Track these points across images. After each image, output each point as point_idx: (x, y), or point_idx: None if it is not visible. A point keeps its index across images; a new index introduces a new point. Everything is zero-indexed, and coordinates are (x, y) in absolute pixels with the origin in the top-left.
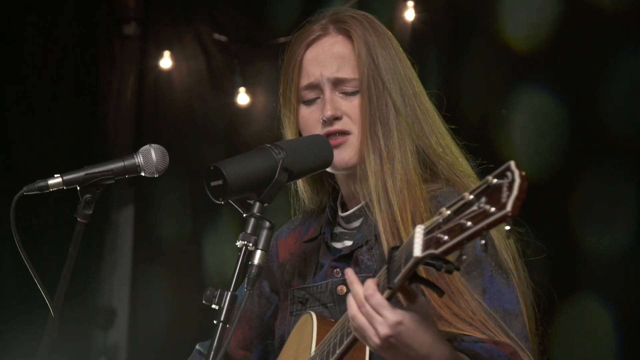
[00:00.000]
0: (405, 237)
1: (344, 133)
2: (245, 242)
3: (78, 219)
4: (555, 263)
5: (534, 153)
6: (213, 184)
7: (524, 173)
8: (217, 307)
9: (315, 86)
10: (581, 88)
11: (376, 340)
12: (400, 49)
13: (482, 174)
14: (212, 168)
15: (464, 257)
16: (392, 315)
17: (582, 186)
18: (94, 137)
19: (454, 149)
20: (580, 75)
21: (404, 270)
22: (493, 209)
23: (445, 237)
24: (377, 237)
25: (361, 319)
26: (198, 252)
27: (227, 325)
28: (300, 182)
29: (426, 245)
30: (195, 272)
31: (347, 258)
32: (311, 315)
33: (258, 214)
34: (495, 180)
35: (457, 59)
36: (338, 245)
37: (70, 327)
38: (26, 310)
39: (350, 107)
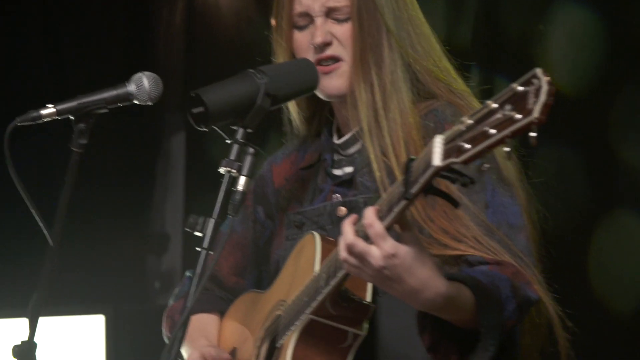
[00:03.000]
0: (397, 167)
1: (335, 59)
2: (229, 169)
3: (73, 149)
4: (594, 178)
5: (572, 67)
6: (195, 111)
7: (550, 79)
8: (200, 234)
9: (307, 14)
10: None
11: (369, 272)
12: None
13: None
14: (193, 95)
15: (486, 166)
16: (389, 247)
17: (622, 99)
18: (145, 64)
19: (452, 71)
20: None
21: (421, 180)
22: (519, 116)
23: (468, 146)
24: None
25: (352, 259)
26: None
27: (211, 252)
28: (292, 109)
29: (446, 154)
30: None
31: (348, 183)
32: (314, 235)
33: (242, 140)
34: (520, 88)
35: None
36: (338, 172)
37: (124, 253)
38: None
39: (342, 32)
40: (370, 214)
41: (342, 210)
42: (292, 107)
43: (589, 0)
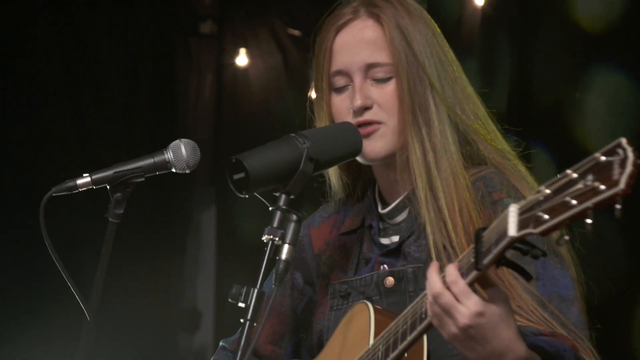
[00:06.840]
0: (452, 229)
1: (374, 123)
2: (272, 236)
3: (110, 219)
4: (633, 246)
5: (609, 136)
6: (236, 177)
7: (634, 149)
8: (243, 305)
9: (345, 73)
10: None
11: (454, 329)
12: (438, 31)
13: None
14: (233, 160)
15: (566, 237)
16: (475, 305)
17: None
18: (174, 137)
19: (498, 133)
20: None
21: (495, 251)
22: (603, 187)
23: (546, 217)
24: (423, 228)
25: (438, 309)
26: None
27: (255, 324)
28: (332, 174)
29: (522, 224)
30: None
31: (396, 253)
32: (367, 306)
33: (284, 207)
34: (603, 158)
35: (528, 42)
36: (385, 240)
37: (155, 330)
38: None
39: (382, 95)
40: (452, 270)
41: (390, 280)
42: (332, 172)
43: (624, 67)
